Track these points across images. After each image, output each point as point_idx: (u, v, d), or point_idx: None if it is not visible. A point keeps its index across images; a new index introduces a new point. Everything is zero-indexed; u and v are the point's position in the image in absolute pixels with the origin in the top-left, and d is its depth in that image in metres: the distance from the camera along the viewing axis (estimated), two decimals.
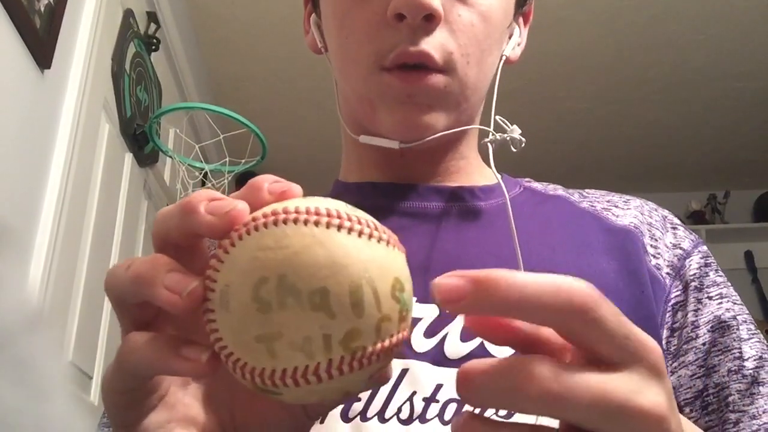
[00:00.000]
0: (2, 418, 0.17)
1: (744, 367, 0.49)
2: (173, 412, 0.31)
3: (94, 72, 1.39)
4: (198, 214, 0.27)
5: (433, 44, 0.50)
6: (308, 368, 0.25)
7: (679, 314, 0.51)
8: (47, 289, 1.15)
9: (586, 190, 0.61)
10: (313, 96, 2.54)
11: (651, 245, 0.54)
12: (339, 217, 0.26)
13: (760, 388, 0.49)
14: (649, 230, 0.55)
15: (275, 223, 0.25)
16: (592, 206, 0.58)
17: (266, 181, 0.29)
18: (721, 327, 0.51)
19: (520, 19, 0.61)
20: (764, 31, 2.38)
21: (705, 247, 0.56)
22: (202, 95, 2.47)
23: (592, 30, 2.37)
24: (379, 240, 0.27)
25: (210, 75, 2.54)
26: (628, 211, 0.58)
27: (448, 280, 0.25)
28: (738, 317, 0.52)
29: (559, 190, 0.61)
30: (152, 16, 1.87)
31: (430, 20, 0.50)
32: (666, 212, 0.59)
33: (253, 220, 0.26)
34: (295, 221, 0.25)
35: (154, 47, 1.85)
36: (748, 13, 2.28)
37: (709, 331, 0.51)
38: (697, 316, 0.52)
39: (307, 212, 0.26)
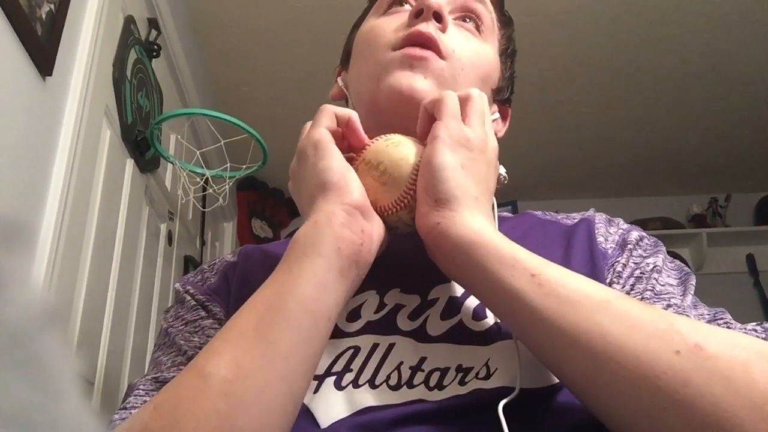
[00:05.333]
0: (17, 416, 0.17)
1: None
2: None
3: (95, 78, 1.39)
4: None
5: (440, 37, 0.62)
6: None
7: (620, 267, 0.60)
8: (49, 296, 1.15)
9: (549, 212, 0.73)
10: (314, 102, 2.53)
11: (598, 233, 0.64)
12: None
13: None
14: (597, 222, 0.66)
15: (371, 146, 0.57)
16: (554, 217, 0.70)
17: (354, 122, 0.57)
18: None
19: (496, 107, 0.73)
20: (765, 34, 2.38)
21: (641, 231, 0.65)
22: (203, 101, 2.47)
23: (593, 34, 2.37)
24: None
25: (211, 81, 2.54)
26: (581, 214, 0.69)
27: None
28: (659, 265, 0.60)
29: (527, 210, 0.73)
30: (153, 23, 1.87)
31: (439, 20, 0.62)
32: (608, 216, 0.69)
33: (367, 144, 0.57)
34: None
35: (155, 53, 1.85)
36: (748, 16, 2.29)
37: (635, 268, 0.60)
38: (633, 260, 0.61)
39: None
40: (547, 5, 2.22)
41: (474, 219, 0.50)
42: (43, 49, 1.16)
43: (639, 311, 0.44)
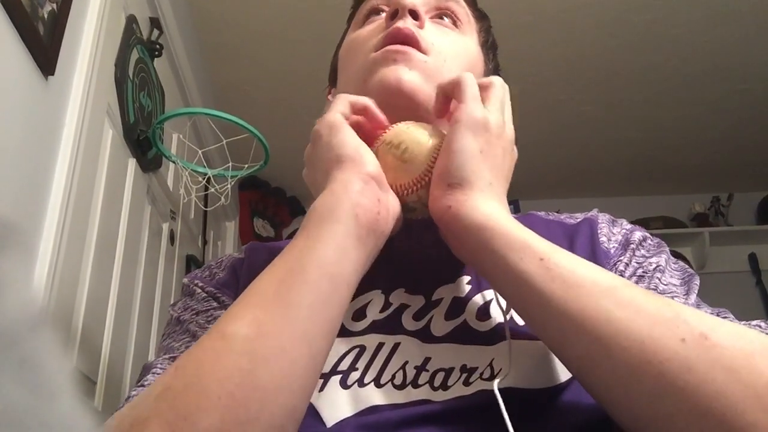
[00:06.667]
0: (8, 417, 0.17)
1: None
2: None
3: (97, 78, 1.39)
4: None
5: (419, 32, 0.63)
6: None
7: (622, 266, 0.60)
8: (51, 295, 1.15)
9: (552, 212, 0.74)
10: (315, 101, 2.54)
11: (601, 233, 0.64)
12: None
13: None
14: (600, 222, 0.66)
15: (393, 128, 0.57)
16: (557, 217, 0.71)
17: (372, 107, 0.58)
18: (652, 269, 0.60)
19: None
20: (767, 32, 2.38)
21: (645, 231, 0.66)
22: (205, 100, 2.48)
23: (595, 33, 2.37)
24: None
25: (213, 80, 2.55)
26: (585, 214, 0.69)
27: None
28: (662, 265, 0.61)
29: (529, 210, 0.74)
30: (155, 22, 1.88)
31: (416, 18, 0.63)
32: (611, 216, 0.69)
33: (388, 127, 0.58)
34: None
35: (157, 53, 1.86)
36: (751, 16, 2.29)
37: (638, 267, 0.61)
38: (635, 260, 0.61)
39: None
40: (548, 4, 2.22)
41: (486, 203, 0.50)
42: (45, 49, 1.17)
43: (646, 299, 0.44)
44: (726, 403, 0.38)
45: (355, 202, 0.49)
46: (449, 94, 0.57)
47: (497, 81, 0.57)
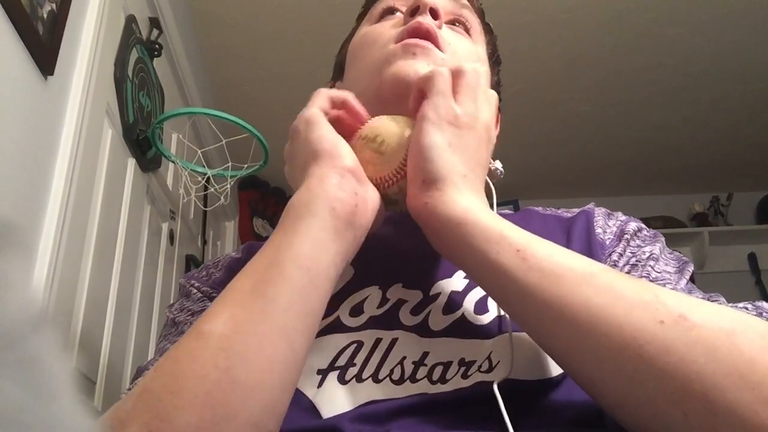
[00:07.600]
0: (9, 417, 0.17)
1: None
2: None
3: (96, 78, 1.39)
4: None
5: (438, 31, 0.64)
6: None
7: (616, 256, 0.61)
8: (50, 295, 1.15)
9: (550, 208, 0.75)
10: None
11: (597, 225, 0.65)
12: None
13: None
14: (596, 215, 0.67)
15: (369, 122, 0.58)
16: (554, 212, 0.72)
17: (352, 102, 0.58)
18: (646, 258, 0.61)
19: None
20: (767, 32, 2.38)
21: (640, 222, 0.66)
22: (205, 100, 2.47)
23: (595, 32, 2.37)
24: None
25: (212, 80, 2.55)
26: (581, 208, 0.70)
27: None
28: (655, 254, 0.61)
29: (528, 207, 0.75)
30: (155, 22, 1.88)
31: (435, 17, 0.64)
32: (607, 209, 0.70)
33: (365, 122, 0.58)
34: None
35: (156, 53, 1.86)
36: (751, 15, 2.29)
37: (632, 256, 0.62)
38: (631, 252, 0.62)
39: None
40: (548, 4, 2.22)
41: (462, 197, 0.50)
42: (44, 49, 1.16)
43: (624, 283, 0.44)
44: (708, 383, 0.38)
45: (332, 196, 0.49)
46: (422, 89, 0.56)
47: (469, 68, 0.56)
